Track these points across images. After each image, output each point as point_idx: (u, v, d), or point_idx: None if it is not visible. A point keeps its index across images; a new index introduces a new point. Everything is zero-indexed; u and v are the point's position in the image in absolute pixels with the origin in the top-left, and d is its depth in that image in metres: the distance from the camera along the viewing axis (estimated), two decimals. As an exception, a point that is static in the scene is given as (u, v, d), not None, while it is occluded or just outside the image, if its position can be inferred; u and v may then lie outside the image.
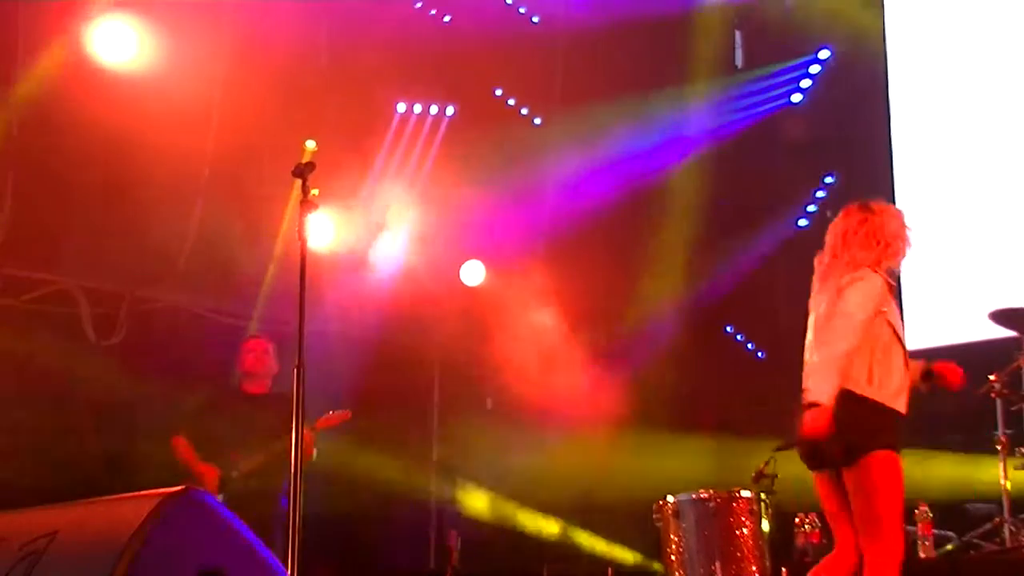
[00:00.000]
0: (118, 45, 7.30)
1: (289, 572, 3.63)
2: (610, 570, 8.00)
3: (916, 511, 6.52)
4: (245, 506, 5.91)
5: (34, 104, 7.14)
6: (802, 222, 9.78)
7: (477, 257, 9.48)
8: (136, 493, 2.59)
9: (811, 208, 9.79)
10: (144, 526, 2.40)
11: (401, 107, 9.37)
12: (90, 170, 7.35)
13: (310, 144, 7.33)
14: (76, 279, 8.11)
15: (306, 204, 4.38)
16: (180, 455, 6.61)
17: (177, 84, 7.46)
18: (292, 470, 3.88)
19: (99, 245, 7.81)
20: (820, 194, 9.77)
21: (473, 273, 9.51)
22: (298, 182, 4.46)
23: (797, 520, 6.93)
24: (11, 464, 7.62)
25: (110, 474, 7.49)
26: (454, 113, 9.48)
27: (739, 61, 10.21)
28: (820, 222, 9.56)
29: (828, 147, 9.77)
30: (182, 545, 2.48)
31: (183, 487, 2.56)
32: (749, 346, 10.11)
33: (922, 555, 6.46)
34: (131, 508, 2.49)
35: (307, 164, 4.42)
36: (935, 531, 6.61)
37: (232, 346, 7.11)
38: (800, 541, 6.92)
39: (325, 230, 8.03)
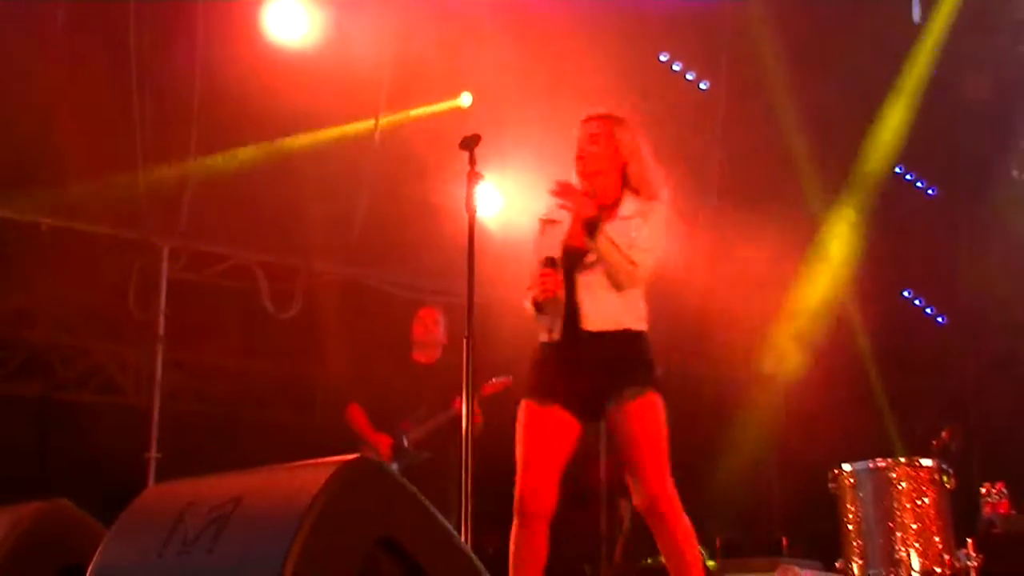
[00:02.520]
0: (291, 23, 7.50)
1: (463, 539, 3.68)
2: (784, 540, 7.88)
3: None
4: (417, 474, 6.03)
5: (213, 84, 7.38)
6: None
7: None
8: (313, 460, 2.65)
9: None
10: (322, 493, 2.45)
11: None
12: (266, 146, 7.56)
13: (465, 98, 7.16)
14: (255, 254, 8.38)
15: (473, 175, 4.40)
16: (354, 424, 6.77)
17: (347, 58, 7.60)
18: (464, 438, 3.93)
19: (275, 220, 8.04)
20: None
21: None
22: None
23: (983, 490, 6.69)
24: (198, 432, 7.96)
25: (288, 442, 7.73)
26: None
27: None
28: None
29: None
30: (359, 512, 2.52)
31: (357, 455, 2.60)
32: (928, 311, 9.79)
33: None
34: (309, 475, 2.54)
35: (473, 136, 4.42)
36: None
37: (404, 317, 7.23)
38: (987, 511, 6.67)
39: (493, 201, 8.07)
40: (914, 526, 5.30)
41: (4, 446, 7.15)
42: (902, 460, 5.47)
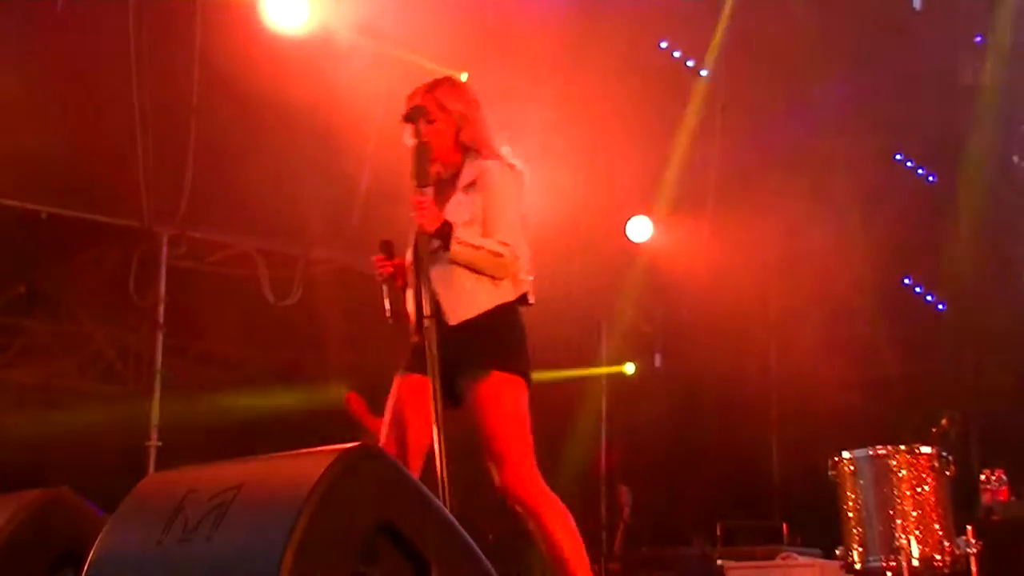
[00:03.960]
0: (291, 12, 7.48)
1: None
2: (785, 527, 7.91)
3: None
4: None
5: (212, 73, 7.36)
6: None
7: (644, 212, 9.39)
8: (314, 449, 2.65)
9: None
10: (322, 480, 2.45)
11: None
12: (265, 135, 7.54)
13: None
14: (254, 241, 8.37)
15: (419, 147, 4.20)
16: (353, 410, 6.78)
17: (350, 48, 7.57)
18: (435, 423, 3.76)
19: (275, 208, 8.03)
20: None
21: (640, 229, 9.41)
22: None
23: (983, 477, 6.70)
24: (198, 420, 7.96)
25: (288, 430, 7.74)
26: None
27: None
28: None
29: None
30: (359, 499, 2.52)
31: (358, 443, 2.60)
32: (928, 298, 9.78)
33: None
34: (309, 463, 2.55)
35: (417, 108, 4.26)
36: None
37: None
38: (986, 498, 6.69)
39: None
40: (914, 513, 5.31)
41: (4, 433, 7.16)
42: (902, 447, 5.48)
